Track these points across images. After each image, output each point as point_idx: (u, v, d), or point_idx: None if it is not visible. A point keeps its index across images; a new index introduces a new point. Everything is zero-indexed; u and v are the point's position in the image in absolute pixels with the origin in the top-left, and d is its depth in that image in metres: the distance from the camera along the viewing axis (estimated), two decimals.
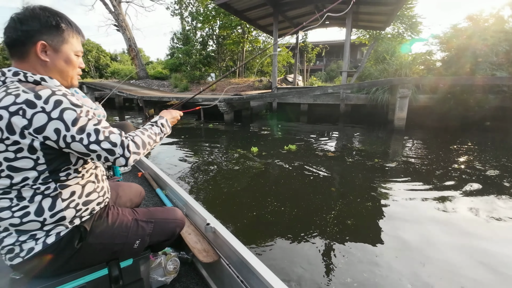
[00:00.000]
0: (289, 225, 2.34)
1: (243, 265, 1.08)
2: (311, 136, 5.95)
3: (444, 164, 3.79)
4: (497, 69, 5.95)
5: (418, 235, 2.15)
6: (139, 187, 1.43)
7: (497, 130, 6.02)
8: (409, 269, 1.77)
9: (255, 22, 10.00)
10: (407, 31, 12.40)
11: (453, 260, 1.84)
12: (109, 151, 0.77)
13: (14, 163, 0.73)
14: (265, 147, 4.94)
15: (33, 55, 0.78)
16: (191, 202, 1.59)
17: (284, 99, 7.70)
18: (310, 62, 16.54)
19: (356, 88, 6.47)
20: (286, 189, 3.11)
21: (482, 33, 6.23)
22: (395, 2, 7.16)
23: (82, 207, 0.88)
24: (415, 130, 6.18)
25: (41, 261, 0.83)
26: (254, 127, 7.12)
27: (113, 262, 0.97)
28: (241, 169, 3.83)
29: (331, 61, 24.81)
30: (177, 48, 16.20)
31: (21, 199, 0.78)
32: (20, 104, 0.69)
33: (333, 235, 2.16)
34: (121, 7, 15.32)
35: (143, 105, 8.26)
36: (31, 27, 0.76)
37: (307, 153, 4.56)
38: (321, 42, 19.48)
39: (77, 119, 0.73)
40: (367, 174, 3.49)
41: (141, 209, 1.11)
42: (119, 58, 33.28)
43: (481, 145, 4.82)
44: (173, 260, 1.28)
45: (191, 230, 1.44)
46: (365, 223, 2.37)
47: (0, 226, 0.80)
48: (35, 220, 0.79)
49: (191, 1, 14.73)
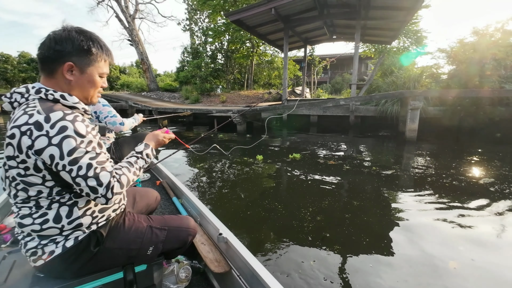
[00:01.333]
0: (300, 236, 2.32)
1: (253, 278, 1.07)
2: (322, 147, 6.06)
3: (457, 176, 3.87)
4: (505, 82, 6.08)
5: (429, 248, 2.16)
6: (155, 192, 1.48)
7: (508, 143, 6.08)
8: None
9: (265, 37, 10.34)
10: (412, 45, 12.72)
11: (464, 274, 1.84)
12: (92, 189, 0.78)
13: (26, 178, 0.79)
14: (277, 156, 5.07)
15: (60, 73, 0.83)
16: (205, 212, 1.61)
17: (295, 110, 7.88)
18: (317, 75, 16.86)
19: (368, 100, 6.64)
20: (300, 199, 3.14)
21: (490, 47, 6.40)
22: (402, 18, 7.43)
23: (98, 214, 0.92)
24: (426, 141, 6.26)
25: (61, 262, 0.88)
26: (265, 138, 7.27)
27: (129, 266, 1.00)
28: (253, 179, 3.94)
29: (336, 73, 25.24)
30: (188, 61, 16.72)
31: (40, 207, 0.83)
32: (30, 125, 0.73)
33: (346, 249, 2.12)
34: (134, 23, 15.98)
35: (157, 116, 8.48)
36: (63, 48, 0.81)
37: (319, 164, 4.67)
38: (326, 55, 19.91)
39: (74, 150, 0.76)
40: (385, 184, 3.58)
41: (155, 216, 1.14)
42: (127, 71, 34.28)
43: (493, 158, 4.88)
44: (186, 268, 1.28)
45: (204, 239, 1.45)
46: (383, 237, 2.34)
47: (24, 231, 0.86)
48: (54, 227, 0.84)
49: (201, 17, 15.33)
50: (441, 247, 2.14)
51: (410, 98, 5.64)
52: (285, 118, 9.06)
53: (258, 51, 14.05)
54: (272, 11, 7.33)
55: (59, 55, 0.81)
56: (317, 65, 15.51)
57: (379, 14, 7.65)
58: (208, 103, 12.07)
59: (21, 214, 0.83)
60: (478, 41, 7.28)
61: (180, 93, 14.15)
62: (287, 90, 8.76)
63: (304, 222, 2.56)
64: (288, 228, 2.47)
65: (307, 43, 11.69)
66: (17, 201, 0.83)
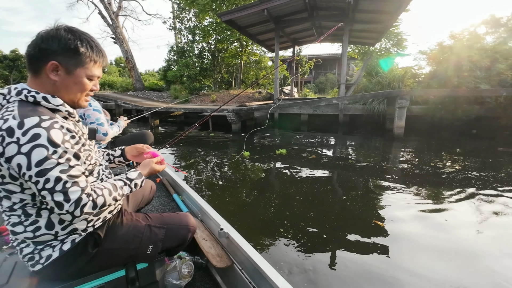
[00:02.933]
0: (300, 230, 2.38)
1: (255, 272, 1.08)
2: (316, 144, 6.33)
3: (438, 166, 4.25)
4: (480, 82, 6.64)
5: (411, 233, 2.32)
6: (149, 181, 1.45)
7: (482, 138, 6.64)
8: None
9: (255, 37, 10.50)
10: (393, 46, 13.43)
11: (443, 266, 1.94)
12: (58, 204, 0.72)
13: (5, 186, 0.75)
14: (275, 154, 5.26)
15: (45, 72, 0.79)
16: (205, 208, 1.61)
17: (287, 109, 8.10)
18: (304, 75, 17.26)
19: (360, 99, 6.98)
20: (299, 194, 3.27)
21: (465, 50, 6.96)
22: (386, 22, 7.88)
23: (93, 218, 0.89)
24: (412, 137, 6.71)
25: (59, 266, 0.86)
26: (260, 136, 7.43)
27: (130, 264, 1.00)
28: (249, 175, 4.09)
29: (320, 74, 25.89)
30: (175, 60, 16.51)
31: (29, 215, 0.79)
32: (3, 131, 0.69)
33: (346, 243, 2.19)
34: (118, 20, 15.54)
35: (149, 116, 8.41)
36: (49, 47, 0.77)
37: (315, 160, 4.91)
38: (313, 56, 20.40)
39: (44, 160, 0.70)
40: (382, 176, 3.86)
41: (154, 215, 1.13)
42: (106, 70, 33.09)
43: (468, 152, 5.36)
44: (188, 264, 1.27)
45: (205, 235, 1.46)
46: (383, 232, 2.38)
47: (18, 239, 0.83)
48: (47, 234, 0.81)
49: (187, 16, 15.21)
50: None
51: (398, 97, 6.03)
52: (276, 117, 9.28)
53: (247, 51, 14.17)
54: (265, 12, 7.50)
55: (44, 53, 0.77)
56: (304, 65, 15.89)
57: (365, 17, 8.05)
58: (198, 102, 12.04)
59: (12, 222, 0.80)
60: (455, 44, 7.86)
61: (168, 93, 13.98)
62: (278, 90, 8.98)
63: (302, 214, 2.68)
64: (287, 221, 2.54)
65: (295, 44, 11.99)
66: (4, 209, 0.79)
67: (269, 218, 2.66)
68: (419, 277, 1.80)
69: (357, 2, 6.84)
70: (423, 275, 1.81)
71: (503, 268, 1.89)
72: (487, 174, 3.83)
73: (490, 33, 8.64)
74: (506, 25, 8.96)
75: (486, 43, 7.82)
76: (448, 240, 2.24)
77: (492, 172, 3.91)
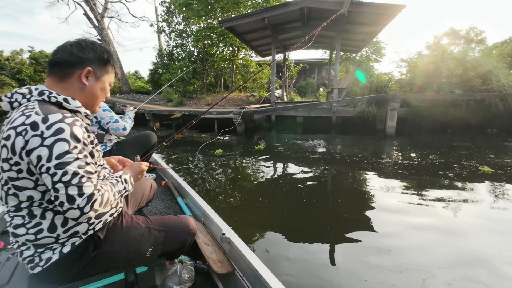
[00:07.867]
0: (302, 235, 2.37)
1: (256, 279, 1.07)
2: (315, 144, 6.89)
3: (423, 161, 4.98)
4: (455, 88, 7.64)
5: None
6: (149, 180, 1.47)
7: (455, 137, 7.60)
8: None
9: (249, 42, 10.96)
10: (373, 54, 14.63)
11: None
12: (69, 198, 0.72)
13: (17, 182, 0.76)
14: (278, 157, 5.72)
15: (76, 77, 0.86)
16: (208, 212, 1.60)
17: (283, 112, 8.64)
18: (292, 79, 18.01)
19: (357, 102, 7.69)
20: (305, 197, 3.32)
21: (444, 59, 7.97)
22: (372, 32, 8.75)
23: (95, 220, 0.90)
24: (401, 136, 7.54)
25: (59, 268, 0.87)
26: (262, 137, 7.86)
27: (130, 268, 0.99)
28: (253, 177, 4.22)
29: (300, 78, 26.98)
30: (164, 64, 16.43)
31: (33, 216, 0.80)
32: (26, 125, 0.71)
33: (348, 247, 2.18)
34: (104, 22, 15.20)
35: (150, 119, 8.50)
36: (86, 55, 0.87)
37: (316, 160, 5.44)
38: (296, 60, 21.24)
39: (65, 154, 0.73)
40: (383, 168, 4.46)
41: (154, 217, 1.13)
42: None
43: (441, 148, 6.22)
44: (189, 269, 1.25)
45: (207, 239, 1.44)
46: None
47: (18, 241, 0.84)
48: (49, 236, 0.82)
49: (178, 20, 15.29)
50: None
51: (390, 100, 6.81)
52: (273, 120, 9.78)
53: (239, 55, 14.58)
54: (265, 21, 8.01)
55: (81, 60, 0.86)
56: (292, 69, 16.63)
57: (355, 28, 8.85)
58: (193, 105, 12.18)
59: (14, 224, 0.81)
60: (431, 53, 8.91)
61: (160, 96, 13.92)
62: (275, 93, 9.50)
63: (304, 219, 2.69)
64: (289, 226, 2.55)
65: (286, 50, 12.63)
66: (10, 208, 0.80)
67: (271, 220, 2.67)
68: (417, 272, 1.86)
69: (350, 14, 7.57)
70: (422, 271, 1.87)
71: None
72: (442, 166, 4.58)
73: (452, 44, 9.93)
74: (466, 37, 10.35)
75: (453, 53, 8.96)
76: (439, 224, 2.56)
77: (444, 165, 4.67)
